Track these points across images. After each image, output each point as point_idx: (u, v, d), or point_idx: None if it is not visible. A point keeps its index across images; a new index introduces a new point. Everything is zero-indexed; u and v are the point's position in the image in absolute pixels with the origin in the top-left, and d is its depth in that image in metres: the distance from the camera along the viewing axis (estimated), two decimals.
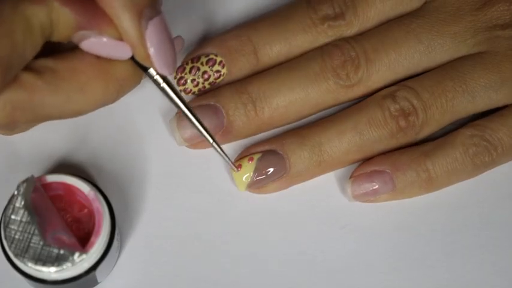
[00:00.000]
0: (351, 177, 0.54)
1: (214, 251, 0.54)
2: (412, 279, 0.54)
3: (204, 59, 0.54)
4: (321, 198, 0.55)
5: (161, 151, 0.55)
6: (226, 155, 0.52)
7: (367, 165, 0.54)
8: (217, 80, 0.54)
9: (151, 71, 0.48)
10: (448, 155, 0.53)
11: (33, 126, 0.52)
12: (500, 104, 0.54)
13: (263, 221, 0.54)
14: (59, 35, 0.46)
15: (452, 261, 0.54)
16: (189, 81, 0.54)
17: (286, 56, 0.55)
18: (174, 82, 0.54)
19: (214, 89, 0.55)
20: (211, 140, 0.51)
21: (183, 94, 0.54)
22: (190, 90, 0.54)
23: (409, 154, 0.54)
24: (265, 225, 0.54)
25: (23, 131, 0.52)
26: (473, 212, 0.55)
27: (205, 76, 0.54)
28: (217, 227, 0.54)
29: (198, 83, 0.54)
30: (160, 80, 0.49)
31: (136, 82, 0.49)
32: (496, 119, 0.54)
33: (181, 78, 0.54)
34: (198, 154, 0.55)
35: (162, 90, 0.49)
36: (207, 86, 0.54)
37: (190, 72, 0.54)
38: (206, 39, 0.56)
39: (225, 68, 0.54)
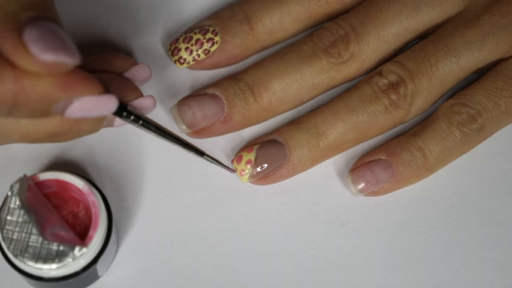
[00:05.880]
0: (349, 172, 0.54)
1: (214, 248, 0.54)
2: (412, 276, 0.54)
3: (197, 30, 0.55)
4: (321, 195, 0.55)
5: (159, 147, 0.55)
6: (219, 162, 0.53)
7: (362, 159, 0.55)
8: (212, 49, 0.55)
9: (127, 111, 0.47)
10: (435, 128, 0.54)
11: None
12: (487, 61, 0.54)
13: (263, 218, 0.54)
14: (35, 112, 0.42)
15: (452, 259, 0.54)
16: (182, 49, 0.55)
17: (279, 21, 0.55)
18: (168, 53, 0.55)
19: (212, 82, 0.55)
20: (201, 154, 0.52)
21: (177, 64, 0.55)
22: (185, 59, 0.55)
23: (399, 138, 0.55)
24: (266, 222, 0.54)
25: None
26: (474, 209, 0.55)
27: (199, 44, 0.55)
28: (217, 223, 0.54)
29: (191, 50, 0.55)
30: (136, 119, 0.48)
31: (97, 129, 0.47)
32: (473, 84, 0.55)
33: (175, 48, 0.55)
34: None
35: (143, 126, 0.48)
36: (201, 54, 0.55)
37: (183, 41, 0.55)
38: None
39: (218, 35, 0.55)
